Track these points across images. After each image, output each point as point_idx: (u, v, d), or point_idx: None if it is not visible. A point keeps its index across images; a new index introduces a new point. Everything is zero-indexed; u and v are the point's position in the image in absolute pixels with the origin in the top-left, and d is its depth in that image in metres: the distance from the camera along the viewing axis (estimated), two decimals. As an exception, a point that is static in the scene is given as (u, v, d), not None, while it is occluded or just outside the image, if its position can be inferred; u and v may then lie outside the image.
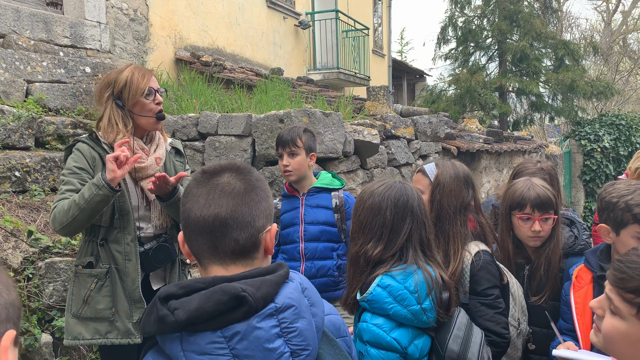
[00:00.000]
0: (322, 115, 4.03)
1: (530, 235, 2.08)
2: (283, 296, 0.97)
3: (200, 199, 1.02)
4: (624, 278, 1.13)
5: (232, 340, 0.91)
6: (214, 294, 0.92)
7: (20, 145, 3.84)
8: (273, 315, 0.94)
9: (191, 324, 0.91)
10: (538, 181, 2.15)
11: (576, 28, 21.29)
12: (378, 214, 1.64)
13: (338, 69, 11.33)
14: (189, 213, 1.02)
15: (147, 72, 2.21)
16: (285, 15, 10.50)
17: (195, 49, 7.87)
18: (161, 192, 2.08)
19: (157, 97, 2.20)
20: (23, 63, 4.47)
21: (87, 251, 2.16)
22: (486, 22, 14.16)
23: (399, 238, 1.62)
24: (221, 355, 0.91)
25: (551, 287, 2.09)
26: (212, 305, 0.91)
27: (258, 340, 0.92)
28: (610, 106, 17.38)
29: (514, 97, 14.34)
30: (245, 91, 5.86)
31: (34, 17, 5.33)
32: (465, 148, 6.28)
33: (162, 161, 2.23)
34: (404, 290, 1.57)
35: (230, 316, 0.92)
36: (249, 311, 0.92)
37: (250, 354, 0.91)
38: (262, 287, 0.95)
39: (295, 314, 0.96)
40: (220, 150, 4.06)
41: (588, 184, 12.57)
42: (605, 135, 12.58)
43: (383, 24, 16.42)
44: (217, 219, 1.00)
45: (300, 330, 0.96)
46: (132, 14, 6.76)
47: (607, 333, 1.15)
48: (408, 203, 1.65)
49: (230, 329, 0.92)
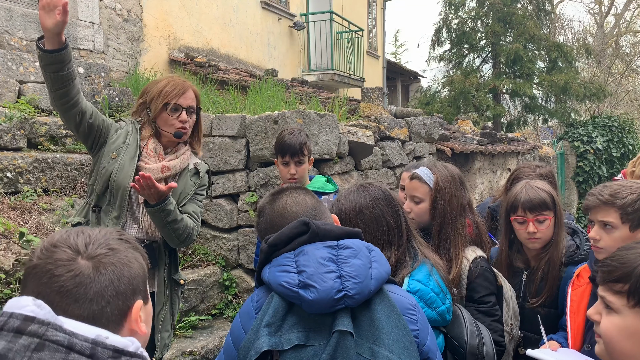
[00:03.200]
0: (316, 116, 4.03)
1: (526, 237, 2.08)
2: (347, 241, 1.25)
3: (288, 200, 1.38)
4: (610, 271, 1.16)
5: (298, 256, 1.22)
6: (292, 224, 1.27)
7: (12, 146, 3.81)
8: (333, 248, 1.22)
9: (275, 247, 1.25)
10: (537, 183, 2.14)
11: (569, 30, 21.38)
12: (378, 225, 1.58)
13: (332, 70, 11.33)
14: (286, 212, 1.35)
15: (181, 88, 2.18)
16: (280, 16, 10.49)
17: (190, 49, 7.85)
18: (147, 196, 2.00)
19: (182, 115, 2.17)
20: (15, 63, 4.43)
21: (81, 212, 2.19)
22: (480, 24, 14.23)
23: (403, 234, 1.61)
24: (288, 265, 1.20)
25: (548, 292, 2.08)
26: (289, 230, 1.25)
27: (314, 256, 1.20)
28: (603, 108, 17.48)
29: (507, 98, 14.40)
30: (240, 92, 5.85)
31: (26, 17, 5.29)
32: (460, 149, 6.29)
33: (170, 171, 2.19)
34: (431, 293, 1.56)
35: (300, 239, 1.24)
36: (312, 235, 1.24)
37: (307, 264, 1.18)
38: (327, 225, 1.27)
39: (352, 253, 1.22)
40: (215, 151, 4.05)
41: (581, 185, 12.64)
42: (598, 137, 12.65)
43: (377, 25, 16.44)
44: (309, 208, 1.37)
45: (353, 263, 1.19)
46: (125, 14, 6.73)
47: (605, 333, 1.14)
48: (392, 197, 1.63)
49: (300, 249, 1.23)
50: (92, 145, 2.18)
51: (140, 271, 0.98)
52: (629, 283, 1.11)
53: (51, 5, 1.83)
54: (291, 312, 1.17)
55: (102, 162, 2.14)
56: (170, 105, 2.15)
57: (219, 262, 4.04)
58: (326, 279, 1.15)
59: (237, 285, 4.00)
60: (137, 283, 0.97)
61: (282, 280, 1.17)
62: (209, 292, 3.86)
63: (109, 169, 2.12)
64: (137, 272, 0.97)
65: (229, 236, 4.07)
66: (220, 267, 4.02)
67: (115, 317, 0.93)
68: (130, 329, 0.95)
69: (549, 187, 2.16)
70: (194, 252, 4.11)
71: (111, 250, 0.95)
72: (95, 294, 0.90)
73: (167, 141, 2.24)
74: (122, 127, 2.24)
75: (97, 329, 0.88)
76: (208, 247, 4.13)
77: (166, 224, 2.07)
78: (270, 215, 1.36)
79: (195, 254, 4.09)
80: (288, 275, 1.17)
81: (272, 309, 1.16)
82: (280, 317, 1.15)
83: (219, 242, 4.09)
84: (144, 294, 1.00)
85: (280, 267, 1.20)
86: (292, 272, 1.18)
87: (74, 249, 0.93)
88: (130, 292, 0.95)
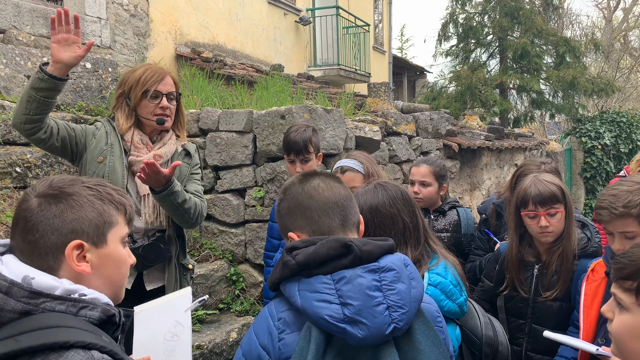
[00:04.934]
0: (323, 111, 4.02)
1: (538, 231, 2.08)
2: (386, 260, 1.14)
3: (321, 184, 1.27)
4: (621, 268, 1.15)
5: (339, 283, 1.08)
6: (328, 242, 1.13)
7: (21, 141, 3.83)
8: (375, 272, 1.11)
9: (307, 267, 1.11)
10: (545, 176, 2.14)
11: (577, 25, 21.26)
12: (393, 224, 1.56)
13: (338, 65, 11.31)
14: (317, 194, 1.24)
15: (159, 74, 2.15)
16: (286, 11, 10.47)
17: (196, 45, 7.85)
18: (152, 183, 1.98)
19: (162, 101, 2.15)
20: (23, 59, 4.45)
21: None
22: (487, 18, 14.14)
23: (420, 234, 1.60)
24: (328, 294, 1.07)
25: (561, 285, 2.07)
26: (325, 251, 1.11)
27: (360, 285, 1.08)
28: (611, 103, 17.36)
29: (514, 94, 14.32)
30: (246, 87, 5.85)
31: (34, 12, 5.31)
32: (467, 145, 6.27)
33: (162, 159, 2.18)
34: (450, 286, 1.56)
35: (339, 262, 1.11)
36: (354, 260, 1.11)
37: (353, 296, 1.07)
38: (367, 244, 1.14)
39: (395, 276, 1.12)
40: (222, 146, 4.06)
41: (588, 181, 12.56)
42: (606, 132, 12.56)
43: (384, 20, 16.38)
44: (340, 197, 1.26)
45: (398, 290, 1.10)
46: (132, 9, 6.74)
47: (616, 332, 1.13)
48: (409, 197, 1.62)
49: (339, 274, 1.10)
50: (73, 156, 2.16)
51: (93, 216, 1.07)
52: (637, 280, 1.10)
53: (69, 41, 1.87)
54: (331, 345, 1.08)
55: (90, 168, 2.11)
56: (150, 92, 2.12)
57: (226, 256, 4.05)
58: (376, 314, 1.06)
59: (244, 279, 4.01)
60: (82, 225, 1.06)
61: (323, 313, 1.06)
62: (216, 286, 3.87)
63: (99, 174, 2.09)
64: (86, 216, 1.06)
65: (236, 231, 4.08)
66: (228, 261, 4.04)
67: (50, 250, 1.03)
68: (73, 270, 1.04)
69: (558, 179, 2.17)
70: (201, 246, 4.12)
71: (61, 192, 1.06)
72: (32, 226, 1.03)
73: (150, 130, 2.21)
74: (99, 128, 2.19)
75: (28, 268, 0.99)
76: (215, 242, 4.14)
77: (177, 206, 2.07)
78: (298, 195, 1.25)
79: (203, 248, 4.11)
80: (330, 308, 1.06)
81: (314, 345, 1.06)
82: (322, 353, 1.07)
83: (226, 237, 4.10)
84: (93, 238, 1.07)
85: (318, 295, 1.07)
86: (334, 302, 1.06)
87: (36, 190, 1.08)
88: (67, 231, 1.04)
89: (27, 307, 0.95)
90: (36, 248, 1.03)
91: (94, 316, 1.00)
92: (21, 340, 0.91)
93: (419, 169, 2.79)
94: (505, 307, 2.21)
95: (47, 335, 0.92)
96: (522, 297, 2.15)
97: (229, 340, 3.40)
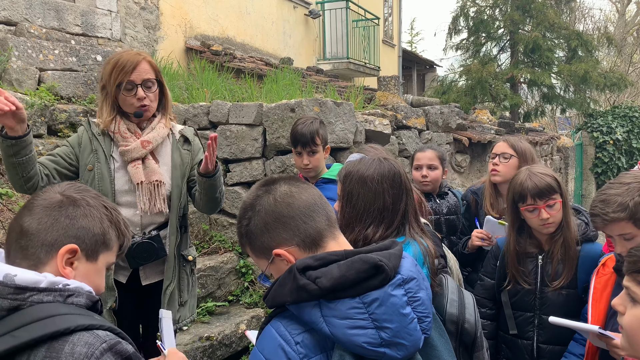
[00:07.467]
0: (333, 104, 4.01)
1: (540, 224, 2.08)
2: (406, 269, 1.08)
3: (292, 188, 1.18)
4: (635, 261, 1.14)
5: (371, 306, 1.01)
6: (355, 264, 1.02)
7: (33, 133, 3.86)
8: (401, 285, 1.05)
9: (332, 291, 1.00)
10: (537, 168, 2.14)
11: (590, 19, 21.01)
12: (375, 200, 1.56)
13: (348, 59, 11.27)
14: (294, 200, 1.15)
15: (131, 63, 2.04)
16: (296, 4, 10.44)
17: (206, 38, 7.86)
18: (211, 161, 1.97)
19: (138, 92, 2.06)
20: (35, 51, 4.48)
21: None
22: (498, 12, 14.01)
23: (397, 217, 1.59)
24: (361, 319, 0.99)
25: (567, 273, 2.08)
26: (354, 274, 1.01)
27: (394, 306, 1.02)
28: (623, 98, 17.18)
29: (525, 88, 14.21)
30: (256, 80, 5.85)
31: (45, 5, 5.33)
32: (477, 139, 6.23)
33: (150, 144, 2.12)
34: None
35: (368, 284, 1.02)
36: (385, 279, 1.02)
37: (389, 318, 1.00)
38: (392, 258, 1.07)
39: (417, 285, 1.08)
40: (232, 139, 4.06)
41: (600, 177, 12.46)
42: (618, 127, 12.44)
43: (393, 13, 16.28)
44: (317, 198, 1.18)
45: (422, 299, 1.07)
46: (142, 2, 6.75)
47: (628, 325, 1.13)
48: (402, 180, 1.60)
49: (369, 295, 1.01)
50: (75, 173, 2.14)
51: (97, 232, 1.14)
52: None
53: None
54: None
55: (82, 177, 2.11)
56: (123, 84, 2.04)
57: (236, 249, 4.07)
58: (411, 331, 1.03)
59: (253, 272, 4.03)
60: (85, 236, 1.12)
61: (360, 341, 0.99)
62: (226, 278, 3.89)
63: (89, 182, 2.08)
64: (92, 229, 1.13)
65: (246, 224, 4.09)
66: (237, 254, 4.06)
67: (46, 244, 1.08)
68: (57, 270, 1.07)
69: (550, 170, 2.18)
70: (210, 239, 4.15)
71: (83, 199, 1.15)
72: (42, 214, 1.10)
73: (132, 119, 2.16)
74: (81, 134, 2.15)
75: (8, 267, 1.02)
76: (225, 234, 4.16)
77: (218, 189, 2.10)
78: (273, 207, 1.14)
79: (212, 241, 4.13)
80: (366, 334, 0.99)
81: None
82: None
83: (236, 230, 4.12)
84: (88, 251, 1.12)
85: (350, 322, 1.00)
86: (368, 327, 1.00)
87: (62, 188, 1.17)
88: (71, 234, 1.10)
89: (14, 302, 0.97)
90: (34, 236, 1.07)
91: (81, 302, 1.04)
92: (19, 335, 0.92)
93: (425, 153, 2.87)
94: (511, 302, 2.20)
95: (45, 325, 0.94)
96: (529, 290, 2.15)
97: (238, 332, 3.42)
